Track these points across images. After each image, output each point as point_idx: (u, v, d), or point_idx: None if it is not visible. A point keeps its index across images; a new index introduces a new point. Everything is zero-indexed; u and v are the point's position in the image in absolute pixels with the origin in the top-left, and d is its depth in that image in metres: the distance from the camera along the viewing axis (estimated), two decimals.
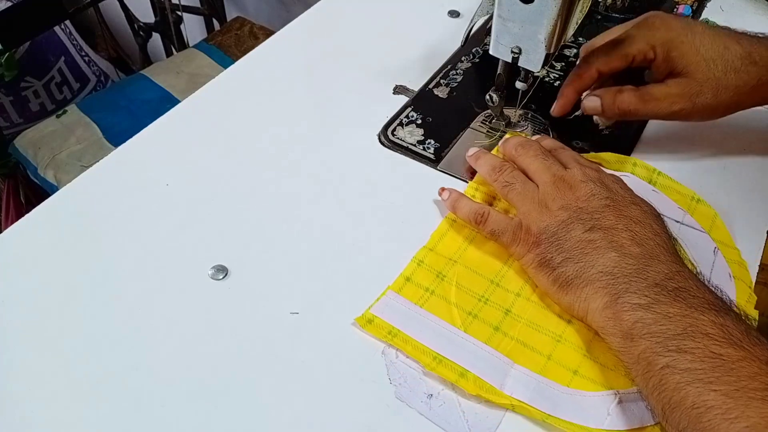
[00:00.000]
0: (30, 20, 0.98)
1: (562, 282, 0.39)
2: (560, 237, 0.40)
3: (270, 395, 0.38)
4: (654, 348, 0.33)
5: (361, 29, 0.65)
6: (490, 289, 0.43)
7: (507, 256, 0.44)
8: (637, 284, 0.36)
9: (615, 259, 0.38)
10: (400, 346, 0.39)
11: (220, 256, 0.44)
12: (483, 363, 0.39)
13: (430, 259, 0.44)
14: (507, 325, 0.41)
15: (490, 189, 0.48)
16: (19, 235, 0.46)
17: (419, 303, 0.42)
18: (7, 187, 1.08)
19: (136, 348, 0.40)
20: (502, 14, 0.45)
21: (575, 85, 0.50)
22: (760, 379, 0.30)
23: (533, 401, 0.37)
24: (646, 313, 0.35)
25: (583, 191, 0.41)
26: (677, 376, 0.32)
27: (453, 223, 0.46)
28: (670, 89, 0.47)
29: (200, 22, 1.47)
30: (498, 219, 0.44)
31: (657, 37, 0.47)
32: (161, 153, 0.52)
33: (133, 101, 1.10)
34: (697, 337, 0.33)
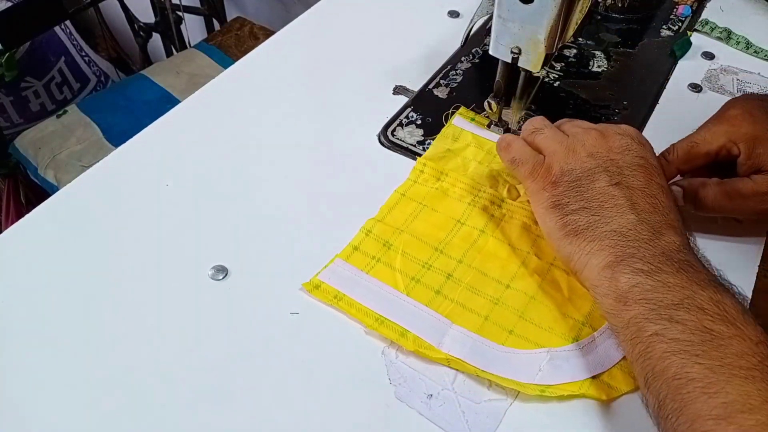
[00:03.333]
0: (30, 20, 0.98)
1: (570, 229, 0.38)
2: (582, 184, 0.39)
3: (270, 395, 0.38)
4: (646, 314, 0.33)
5: (361, 29, 0.66)
6: (434, 256, 0.44)
7: (453, 225, 0.46)
8: (646, 250, 0.36)
9: (633, 222, 0.37)
10: (344, 309, 0.41)
11: (220, 256, 0.44)
12: (422, 323, 0.40)
13: (378, 229, 0.46)
14: (448, 288, 0.43)
15: (438, 165, 0.50)
16: (19, 235, 0.46)
17: (365, 270, 0.43)
18: (7, 187, 1.08)
19: (136, 348, 0.40)
20: (502, 14, 0.45)
21: None
22: (746, 358, 0.30)
23: (468, 358, 0.39)
24: (646, 279, 0.34)
25: (618, 143, 0.40)
26: (664, 345, 0.32)
27: (402, 196, 0.48)
28: (759, 186, 0.43)
29: (200, 22, 1.48)
30: (522, 149, 0.43)
31: (740, 133, 0.43)
32: (161, 153, 0.52)
33: (133, 101, 1.10)
34: (692, 310, 0.32)
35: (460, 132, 0.53)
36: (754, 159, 0.43)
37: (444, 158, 0.51)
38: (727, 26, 0.65)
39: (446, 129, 0.53)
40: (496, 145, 0.46)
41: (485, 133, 0.53)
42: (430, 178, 0.49)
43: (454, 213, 0.47)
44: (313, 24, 0.67)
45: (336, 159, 0.52)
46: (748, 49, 0.63)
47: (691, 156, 0.45)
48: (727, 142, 0.44)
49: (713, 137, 0.44)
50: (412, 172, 0.50)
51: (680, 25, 0.66)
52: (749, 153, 0.43)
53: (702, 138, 0.45)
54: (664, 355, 0.32)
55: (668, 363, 0.31)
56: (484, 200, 0.48)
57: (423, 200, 0.48)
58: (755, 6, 0.69)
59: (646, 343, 0.33)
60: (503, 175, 0.49)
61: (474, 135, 0.53)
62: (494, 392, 0.38)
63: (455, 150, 0.52)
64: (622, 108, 0.56)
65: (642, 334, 0.33)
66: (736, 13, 0.67)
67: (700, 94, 0.58)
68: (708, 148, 0.44)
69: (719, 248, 0.46)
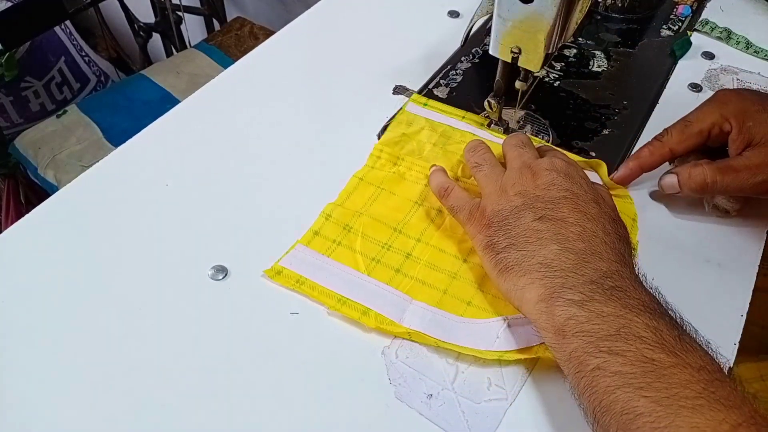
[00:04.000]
0: (30, 20, 0.98)
1: (502, 267, 0.39)
2: (510, 222, 0.40)
3: (270, 395, 0.38)
4: (585, 348, 0.33)
5: (361, 29, 0.66)
6: (393, 237, 0.46)
7: (410, 207, 0.47)
8: (574, 279, 0.36)
9: (556, 252, 0.37)
10: (307, 293, 0.42)
11: (220, 256, 0.44)
12: (383, 301, 0.42)
13: (338, 213, 0.47)
14: (407, 267, 0.44)
15: (394, 150, 0.51)
16: (19, 235, 0.46)
17: (326, 253, 0.44)
18: (7, 187, 1.08)
19: (136, 348, 0.40)
20: (502, 14, 0.45)
21: (643, 161, 0.48)
22: (691, 387, 0.30)
23: (428, 330, 0.40)
24: (579, 311, 0.34)
25: (544, 179, 0.41)
26: (608, 379, 0.32)
27: (360, 181, 0.49)
28: (750, 160, 0.44)
29: (200, 22, 1.48)
30: (459, 196, 0.45)
31: (730, 109, 0.45)
32: (161, 153, 0.52)
33: (133, 101, 1.10)
34: (630, 340, 0.32)
35: (414, 117, 0.54)
36: (744, 133, 0.44)
37: (399, 143, 0.52)
38: (727, 26, 0.65)
39: (400, 115, 0.54)
40: (436, 190, 0.47)
41: (438, 117, 0.54)
42: (387, 162, 0.51)
43: (412, 195, 0.48)
44: (313, 24, 0.67)
45: (336, 159, 0.52)
46: (748, 49, 0.63)
47: (685, 135, 0.46)
48: (718, 119, 0.45)
49: (705, 115, 0.46)
50: (369, 158, 0.51)
51: (680, 25, 0.66)
52: (740, 127, 0.44)
53: (694, 116, 0.46)
54: (608, 389, 0.32)
55: (614, 398, 0.31)
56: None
57: (381, 184, 0.49)
58: (755, 6, 0.69)
59: (590, 377, 0.33)
60: (458, 155, 0.51)
61: (427, 119, 0.54)
62: (494, 392, 0.38)
63: (410, 134, 0.53)
64: (622, 108, 0.56)
65: (584, 369, 0.33)
66: (736, 12, 0.67)
67: (700, 94, 0.58)
68: (700, 126, 0.46)
69: (719, 247, 0.46)
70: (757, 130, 0.44)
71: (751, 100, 0.45)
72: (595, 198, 0.41)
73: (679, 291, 0.40)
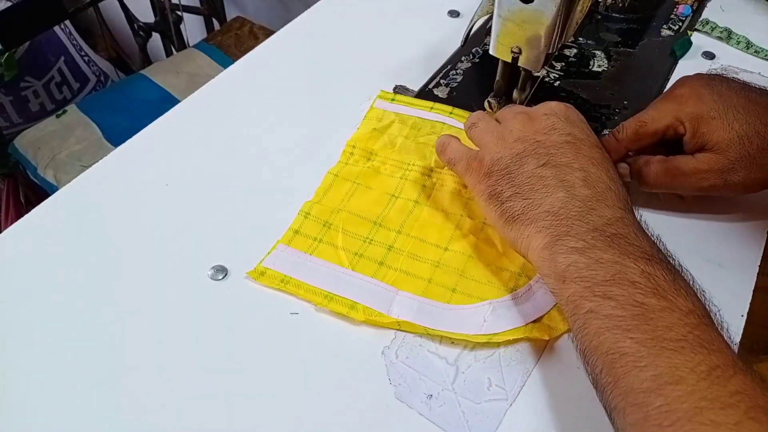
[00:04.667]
0: (30, 20, 0.98)
1: (508, 217, 0.39)
2: (512, 170, 0.40)
3: (270, 395, 0.38)
4: (582, 292, 0.34)
5: (361, 29, 0.65)
6: (374, 230, 0.46)
7: (388, 200, 0.47)
8: (578, 227, 0.36)
9: (562, 200, 0.38)
10: (292, 292, 0.42)
11: (220, 256, 0.44)
12: (370, 294, 0.42)
13: (317, 210, 0.47)
14: (390, 259, 0.44)
15: (366, 145, 0.51)
16: (19, 235, 0.46)
17: (309, 251, 0.44)
18: (7, 187, 1.08)
19: (136, 348, 0.40)
20: (502, 14, 0.45)
21: None
22: (675, 330, 0.31)
23: (416, 319, 0.41)
24: (579, 257, 0.35)
25: (544, 124, 0.41)
26: (599, 322, 0.33)
27: (335, 177, 0.49)
28: (700, 164, 0.44)
29: (200, 22, 1.47)
30: (456, 148, 0.45)
31: (686, 112, 0.44)
32: (161, 153, 0.52)
33: (133, 101, 1.10)
34: (624, 285, 0.33)
35: (383, 113, 0.55)
36: (698, 138, 0.44)
37: (371, 138, 0.52)
38: (727, 26, 0.65)
39: (369, 112, 0.55)
40: (437, 147, 0.47)
41: (407, 110, 0.55)
42: (361, 158, 0.51)
43: (388, 188, 0.49)
44: (313, 24, 0.67)
45: (336, 158, 0.52)
46: (748, 49, 0.63)
47: (639, 135, 0.46)
48: (673, 121, 0.45)
49: (660, 116, 0.46)
50: (342, 154, 0.51)
51: (680, 25, 0.66)
52: (693, 132, 0.44)
53: (650, 117, 0.46)
54: (598, 331, 0.33)
55: (602, 339, 0.32)
56: (414, 173, 0.50)
57: (356, 179, 0.49)
58: (755, 6, 0.68)
59: (583, 319, 0.34)
60: (430, 146, 0.51)
61: (396, 113, 0.54)
62: (494, 392, 0.38)
63: (380, 129, 0.53)
64: (622, 108, 0.56)
65: (579, 312, 0.34)
66: (736, 12, 0.67)
67: None
68: (655, 127, 0.46)
69: (719, 247, 0.46)
70: (709, 137, 0.44)
71: (709, 105, 0.44)
72: (596, 142, 0.41)
73: None
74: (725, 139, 0.43)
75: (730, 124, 0.43)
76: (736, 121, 0.43)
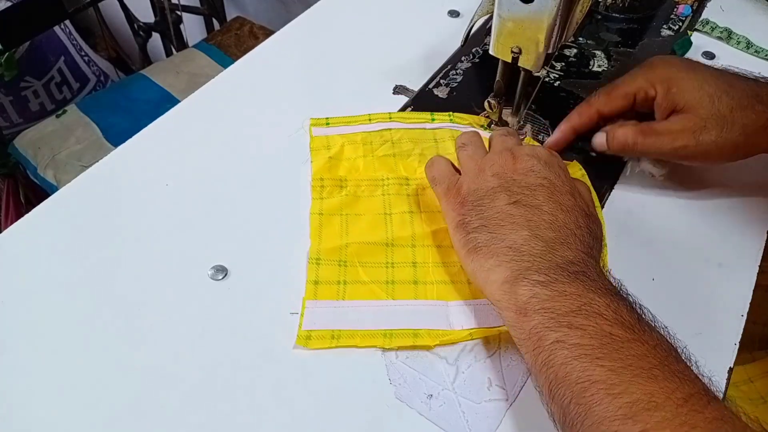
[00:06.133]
0: (30, 20, 0.98)
1: (471, 247, 0.39)
2: (484, 203, 0.40)
3: (270, 395, 0.38)
4: (546, 323, 0.33)
5: (361, 29, 0.65)
6: (389, 252, 0.45)
7: (383, 219, 0.47)
8: (540, 264, 0.36)
9: (525, 238, 0.38)
10: (349, 344, 0.40)
11: (220, 256, 0.44)
12: (424, 316, 0.41)
13: (325, 253, 0.44)
14: (421, 274, 0.43)
15: (332, 174, 0.49)
16: (19, 235, 0.46)
17: (340, 297, 0.42)
18: (7, 187, 1.08)
19: (136, 348, 0.40)
20: (502, 14, 0.45)
21: (573, 123, 0.49)
22: (647, 360, 0.31)
23: (482, 323, 0.40)
24: (543, 290, 0.35)
25: (523, 164, 0.41)
26: (566, 351, 0.32)
27: (320, 216, 0.47)
28: (672, 125, 0.45)
29: (200, 22, 1.47)
30: (442, 167, 0.45)
31: (657, 75, 0.46)
32: (161, 153, 0.52)
33: (133, 101, 1.10)
34: (591, 316, 0.33)
35: (326, 139, 0.52)
36: (669, 98, 0.46)
37: (332, 167, 0.50)
38: (727, 26, 0.65)
39: (313, 142, 0.52)
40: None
41: (347, 129, 0.53)
42: (334, 189, 0.48)
43: (377, 208, 0.47)
44: (312, 24, 0.67)
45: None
46: (748, 49, 0.63)
47: (611, 97, 0.48)
48: (644, 83, 0.47)
49: (632, 79, 0.48)
50: (313, 190, 0.48)
51: (680, 25, 0.66)
52: (665, 93, 0.46)
53: (622, 80, 0.48)
54: (566, 360, 0.32)
55: (570, 368, 0.31)
56: (392, 186, 0.49)
57: (342, 210, 0.47)
58: (755, 6, 0.68)
59: (548, 351, 0.33)
60: (390, 156, 0.51)
61: (340, 135, 0.53)
62: (494, 392, 0.38)
63: (335, 156, 0.51)
64: None
65: (543, 343, 0.33)
66: (736, 12, 0.67)
67: None
68: (626, 89, 0.47)
69: (719, 247, 0.46)
70: (680, 97, 0.45)
71: (678, 67, 0.46)
72: (571, 190, 0.41)
73: (679, 291, 0.41)
74: (696, 97, 0.45)
75: (699, 84, 0.45)
76: (705, 82, 0.45)
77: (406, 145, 0.52)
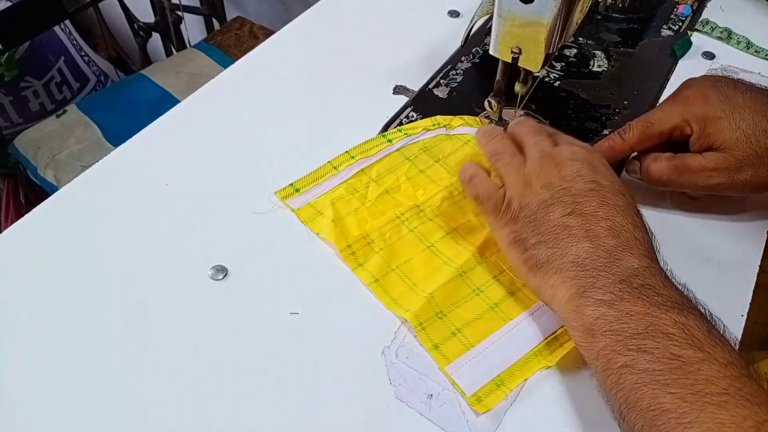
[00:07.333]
0: (30, 20, 0.98)
1: (532, 264, 0.39)
2: (538, 218, 0.39)
3: (270, 395, 0.38)
4: (614, 346, 0.33)
5: (361, 29, 0.65)
6: (467, 280, 0.44)
7: (429, 251, 0.45)
8: (604, 279, 0.36)
9: (587, 250, 0.37)
10: (518, 383, 0.38)
11: (220, 256, 0.44)
12: (536, 330, 0.41)
13: (420, 315, 0.41)
14: (507, 283, 0.43)
15: (341, 239, 0.45)
16: (19, 235, 0.46)
17: (468, 347, 0.40)
18: (7, 187, 1.08)
19: (136, 348, 0.40)
20: (502, 14, 0.45)
21: (604, 155, 0.46)
22: (717, 383, 0.30)
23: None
24: (608, 310, 0.34)
25: (569, 170, 0.40)
26: (635, 377, 0.32)
27: (377, 282, 0.43)
28: (707, 162, 0.44)
29: (200, 22, 1.47)
30: (485, 184, 0.44)
31: (693, 113, 0.45)
32: (161, 153, 0.52)
33: (133, 101, 1.10)
34: (658, 337, 0.32)
35: (311, 206, 0.48)
36: (704, 138, 0.44)
37: (344, 230, 0.46)
38: (727, 26, 0.65)
39: (300, 216, 0.47)
40: (459, 174, 0.45)
41: (324, 186, 0.49)
42: (365, 250, 0.45)
43: (416, 247, 0.45)
44: (313, 24, 0.67)
45: (336, 154, 0.52)
46: (748, 49, 0.63)
47: (646, 136, 0.46)
48: (680, 122, 0.45)
49: (667, 117, 0.46)
50: (347, 261, 0.44)
51: (680, 25, 0.66)
52: (701, 132, 0.45)
53: (657, 118, 0.46)
54: (635, 386, 0.32)
55: (641, 394, 0.31)
56: (411, 219, 0.47)
57: (390, 265, 0.44)
58: (755, 6, 0.68)
59: (617, 374, 0.33)
60: (387, 193, 0.49)
61: (324, 195, 0.49)
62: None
63: (335, 217, 0.47)
64: (622, 108, 0.56)
65: (612, 366, 0.33)
66: (736, 12, 0.67)
67: None
68: (662, 128, 0.46)
69: (719, 247, 0.46)
70: (716, 137, 0.44)
71: (715, 104, 0.45)
72: (620, 188, 0.40)
73: None
74: (732, 138, 0.43)
75: (736, 123, 0.43)
76: (743, 120, 0.43)
77: (389, 178, 0.50)
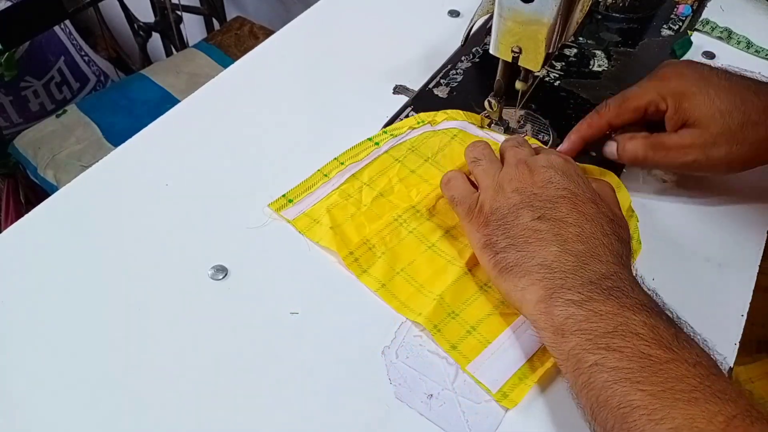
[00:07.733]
0: (30, 20, 0.98)
1: (501, 267, 0.39)
2: (508, 221, 0.40)
3: (270, 395, 0.38)
4: (584, 345, 0.33)
5: (361, 29, 0.65)
6: (472, 278, 0.44)
7: (430, 251, 0.45)
8: (573, 281, 0.36)
9: (556, 253, 0.37)
10: (541, 375, 0.38)
11: (220, 256, 0.44)
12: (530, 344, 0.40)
13: (433, 318, 0.41)
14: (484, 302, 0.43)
15: (341, 246, 0.45)
16: (19, 235, 0.46)
17: (485, 344, 0.40)
18: (7, 187, 1.08)
19: (136, 348, 0.40)
20: (502, 14, 0.45)
21: (583, 133, 0.49)
22: (686, 381, 0.30)
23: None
24: (578, 310, 0.35)
25: (541, 177, 0.41)
26: (605, 375, 0.32)
27: (384, 287, 0.43)
28: (682, 139, 0.45)
29: (200, 22, 1.47)
30: (461, 187, 0.44)
31: (669, 88, 0.46)
32: (161, 153, 0.52)
33: (133, 101, 1.10)
34: (627, 336, 0.33)
35: (307, 216, 0.47)
36: (680, 113, 0.45)
37: (344, 237, 0.45)
38: (727, 26, 0.65)
39: (297, 225, 0.46)
40: (440, 180, 0.46)
41: (315, 196, 0.48)
42: (368, 255, 0.45)
43: (417, 248, 0.45)
44: (313, 24, 0.67)
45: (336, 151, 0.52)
46: (748, 49, 0.63)
47: (622, 110, 0.47)
48: (655, 97, 0.46)
49: (643, 92, 0.47)
50: (351, 269, 0.44)
51: (681, 25, 0.66)
52: (676, 107, 0.45)
53: (633, 93, 0.47)
54: (605, 384, 0.32)
55: (611, 392, 0.31)
56: (409, 220, 0.47)
57: (395, 269, 0.44)
58: (755, 6, 0.68)
59: (588, 373, 0.33)
60: (381, 197, 0.48)
61: (319, 203, 0.48)
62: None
63: (333, 225, 0.46)
64: None
65: (582, 365, 0.33)
66: (736, 12, 0.67)
67: None
68: (638, 103, 0.47)
69: (719, 247, 0.46)
70: (691, 113, 0.44)
71: (690, 80, 0.45)
72: (592, 197, 0.41)
73: (679, 291, 0.41)
74: (706, 113, 0.44)
75: (711, 99, 0.44)
76: (717, 97, 0.44)
77: (381, 181, 0.49)
